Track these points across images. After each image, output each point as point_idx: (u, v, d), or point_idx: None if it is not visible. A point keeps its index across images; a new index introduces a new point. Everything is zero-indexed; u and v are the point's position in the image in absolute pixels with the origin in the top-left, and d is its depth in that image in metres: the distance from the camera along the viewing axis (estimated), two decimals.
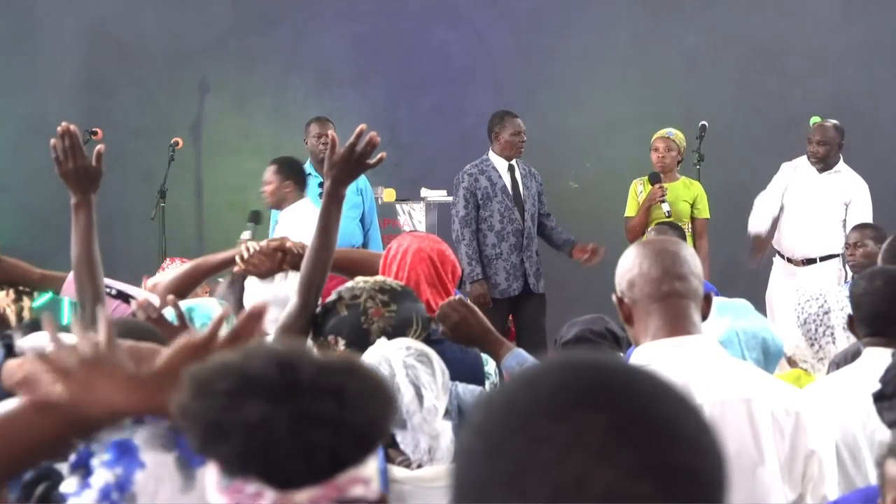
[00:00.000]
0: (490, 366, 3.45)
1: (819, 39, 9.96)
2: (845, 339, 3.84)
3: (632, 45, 9.99)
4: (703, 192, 8.12)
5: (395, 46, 9.91)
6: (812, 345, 3.84)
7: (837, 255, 7.83)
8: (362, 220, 8.09)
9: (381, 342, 3.01)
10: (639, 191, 8.08)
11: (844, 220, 7.85)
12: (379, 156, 3.37)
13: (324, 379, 1.57)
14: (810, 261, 7.93)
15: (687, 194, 8.05)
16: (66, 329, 3.27)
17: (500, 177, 7.87)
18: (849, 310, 3.83)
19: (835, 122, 8.09)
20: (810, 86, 9.84)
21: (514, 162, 7.95)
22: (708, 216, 8.10)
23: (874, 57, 9.98)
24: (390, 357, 2.92)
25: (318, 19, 9.93)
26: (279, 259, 3.89)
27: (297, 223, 7.05)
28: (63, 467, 1.91)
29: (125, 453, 1.83)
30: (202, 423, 1.57)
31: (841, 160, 8.00)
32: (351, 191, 3.52)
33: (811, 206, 7.97)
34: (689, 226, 7.94)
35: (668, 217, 7.76)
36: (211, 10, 9.87)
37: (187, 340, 1.81)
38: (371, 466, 1.59)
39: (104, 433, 1.83)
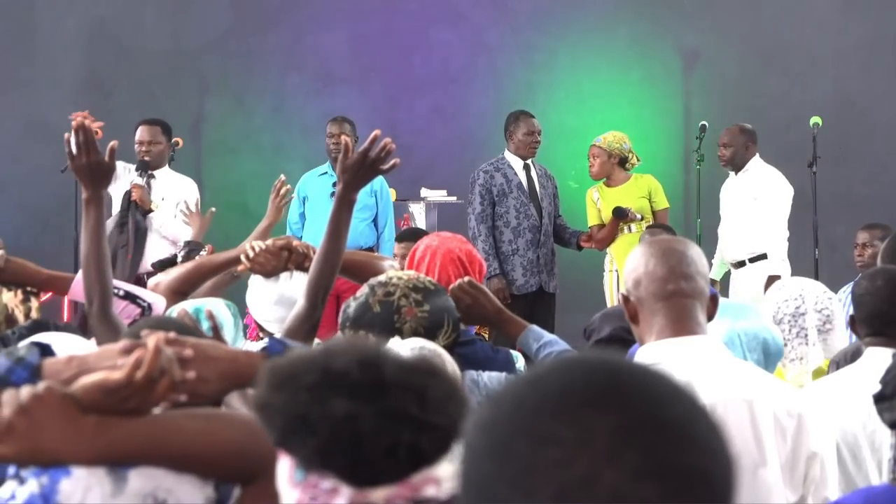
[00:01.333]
0: (520, 363, 3.42)
1: (819, 39, 9.96)
2: (819, 342, 3.87)
3: (632, 45, 9.99)
4: (658, 184, 8.03)
5: (395, 46, 9.90)
6: (785, 344, 3.85)
7: (766, 256, 7.76)
8: (376, 222, 8.06)
9: (395, 341, 2.98)
10: (595, 198, 8.03)
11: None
12: (392, 161, 3.31)
13: (406, 378, 1.58)
14: (740, 263, 7.87)
15: (640, 190, 7.95)
16: (68, 329, 3.28)
17: (515, 174, 7.87)
18: (827, 311, 3.88)
19: (742, 124, 8.03)
20: (810, 86, 9.84)
21: (529, 161, 7.96)
22: (667, 206, 8.01)
23: (874, 57, 9.98)
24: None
25: (318, 19, 9.92)
26: (285, 258, 3.89)
27: (179, 184, 7.71)
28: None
29: None
30: (285, 417, 1.57)
31: (755, 158, 7.94)
32: (363, 192, 3.47)
33: (729, 210, 7.99)
34: (652, 219, 7.84)
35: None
36: (211, 10, 9.86)
37: (106, 379, 1.78)
38: (445, 467, 1.58)
39: None
